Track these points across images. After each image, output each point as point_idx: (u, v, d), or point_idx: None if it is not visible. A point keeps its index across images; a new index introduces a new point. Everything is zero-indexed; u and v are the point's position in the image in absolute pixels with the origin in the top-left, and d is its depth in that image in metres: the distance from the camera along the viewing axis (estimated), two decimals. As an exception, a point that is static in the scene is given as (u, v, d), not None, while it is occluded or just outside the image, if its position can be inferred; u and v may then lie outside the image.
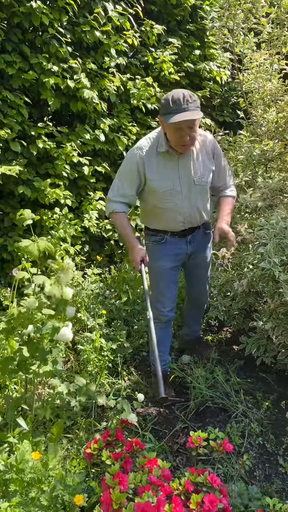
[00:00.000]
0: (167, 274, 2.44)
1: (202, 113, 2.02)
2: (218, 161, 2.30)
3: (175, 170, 2.18)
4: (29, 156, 3.29)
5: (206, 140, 2.25)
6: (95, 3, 3.51)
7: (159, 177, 2.18)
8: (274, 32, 3.52)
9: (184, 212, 2.25)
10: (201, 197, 2.26)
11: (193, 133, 2.03)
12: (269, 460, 2.13)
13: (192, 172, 2.19)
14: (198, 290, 2.73)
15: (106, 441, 1.88)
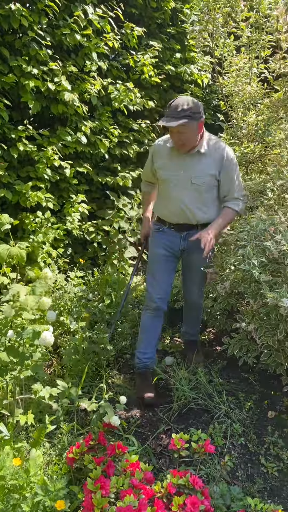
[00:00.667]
0: (160, 261, 2.63)
1: (185, 121, 2.19)
2: (225, 172, 2.43)
3: (179, 165, 2.41)
4: (10, 159, 3.26)
5: (218, 148, 2.42)
6: (75, 6, 3.50)
7: (163, 166, 2.48)
8: (253, 36, 3.57)
9: (178, 205, 2.45)
10: (195, 196, 2.43)
11: (181, 137, 2.28)
12: (251, 460, 2.15)
13: (192, 171, 2.39)
14: (190, 291, 2.80)
15: (89, 445, 1.87)
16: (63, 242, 3.69)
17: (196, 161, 2.40)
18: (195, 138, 2.33)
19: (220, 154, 2.41)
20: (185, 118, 2.19)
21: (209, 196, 2.46)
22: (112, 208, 4.18)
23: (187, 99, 2.25)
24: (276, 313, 2.22)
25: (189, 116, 2.20)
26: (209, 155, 2.40)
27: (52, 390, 2.04)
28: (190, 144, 2.33)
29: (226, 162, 2.41)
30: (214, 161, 2.40)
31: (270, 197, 3.07)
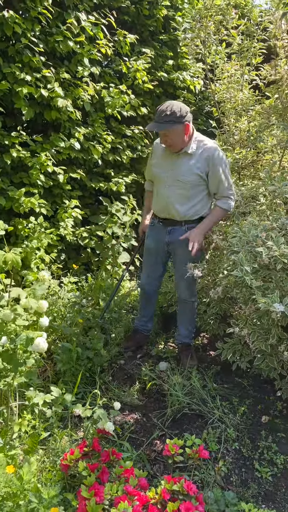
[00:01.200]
0: (150, 253, 2.93)
1: (169, 126, 2.38)
2: (213, 171, 2.56)
3: (168, 163, 2.61)
4: (3, 166, 3.27)
5: (206, 149, 2.55)
6: (68, 13, 3.52)
7: (156, 164, 2.70)
8: (244, 44, 3.61)
9: (163, 200, 2.66)
10: (179, 192, 2.59)
11: (167, 139, 2.48)
12: (245, 465, 2.16)
13: (179, 170, 2.57)
14: (179, 286, 2.91)
15: (83, 452, 1.87)
16: (56, 248, 3.69)
17: (184, 161, 2.56)
18: (181, 140, 2.49)
19: (206, 154, 2.54)
20: (168, 122, 2.38)
21: (194, 193, 2.61)
22: (105, 213, 4.19)
23: (172, 104, 2.41)
24: (268, 318, 2.24)
25: (173, 120, 2.37)
26: (196, 155, 2.54)
27: (46, 396, 2.04)
28: (176, 145, 2.51)
29: (213, 162, 2.54)
30: (200, 161, 2.54)
31: (262, 203, 3.09)
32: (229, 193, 2.63)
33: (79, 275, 3.92)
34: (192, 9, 3.79)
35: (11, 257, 1.66)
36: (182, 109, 2.41)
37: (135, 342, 3.17)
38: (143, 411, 2.53)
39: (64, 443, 2.15)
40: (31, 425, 2.16)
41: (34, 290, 1.83)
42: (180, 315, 3.02)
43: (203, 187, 2.63)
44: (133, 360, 3.06)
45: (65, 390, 2.45)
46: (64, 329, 2.91)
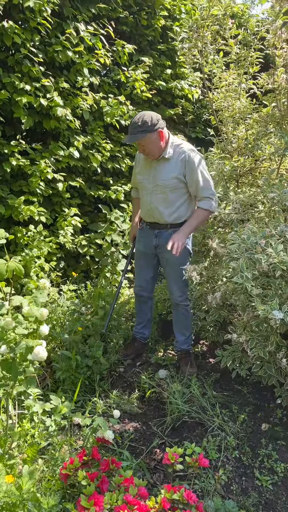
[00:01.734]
0: (140, 256, 3.01)
1: (142, 136, 2.48)
2: (189, 173, 2.62)
3: (149, 169, 2.71)
4: (2, 174, 3.28)
5: (181, 152, 2.62)
6: (67, 23, 3.56)
7: (139, 171, 2.82)
8: (241, 53, 3.65)
9: (147, 205, 2.77)
10: (161, 197, 2.68)
11: (144, 148, 2.58)
12: (246, 473, 2.15)
13: (159, 175, 2.66)
14: (170, 290, 2.95)
15: (82, 461, 1.86)
16: (55, 256, 3.69)
17: (162, 166, 2.66)
18: (157, 147, 2.58)
19: (183, 157, 2.61)
20: (140, 133, 2.48)
21: (175, 197, 2.68)
22: (104, 221, 4.20)
23: (143, 115, 2.51)
24: (267, 325, 2.25)
25: (144, 130, 2.47)
26: (174, 159, 2.63)
27: (45, 405, 2.03)
28: (154, 152, 2.61)
29: (189, 164, 2.60)
30: (177, 164, 2.62)
31: (261, 210, 3.11)
32: (209, 194, 2.66)
33: (78, 283, 3.92)
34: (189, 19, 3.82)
35: (14, 266, 1.67)
36: (153, 118, 2.51)
37: (134, 350, 3.17)
38: (142, 419, 2.52)
39: (63, 452, 2.14)
40: (30, 434, 2.15)
41: (35, 298, 1.84)
42: (175, 320, 3.03)
43: (183, 191, 2.68)
44: (132, 367, 3.05)
45: (65, 399, 2.44)
46: (63, 337, 2.91)
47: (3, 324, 1.78)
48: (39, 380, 2.66)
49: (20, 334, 1.80)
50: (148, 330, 3.23)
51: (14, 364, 1.79)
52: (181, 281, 2.81)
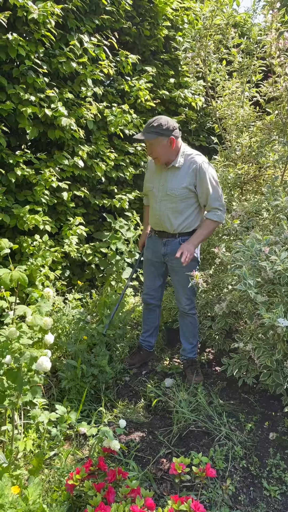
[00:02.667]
0: (148, 264, 3.01)
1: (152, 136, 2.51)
2: (200, 184, 2.63)
3: (159, 177, 2.73)
4: (7, 184, 3.31)
5: (193, 162, 2.63)
6: (70, 35, 3.61)
7: (149, 178, 2.86)
8: (244, 62, 3.67)
9: (156, 213, 2.77)
10: (170, 206, 2.69)
11: (151, 149, 2.59)
12: (253, 483, 2.12)
13: (168, 183, 2.66)
14: (177, 298, 2.95)
15: (89, 471, 1.85)
16: (61, 265, 3.70)
17: (172, 175, 2.66)
18: (165, 153, 2.59)
19: (194, 168, 2.61)
20: (152, 133, 2.51)
21: (185, 206, 2.68)
22: (109, 230, 4.22)
23: (160, 118, 2.54)
24: (274, 333, 2.23)
25: (157, 132, 2.50)
26: (184, 169, 2.64)
27: (51, 415, 2.03)
28: (161, 157, 2.61)
29: (199, 174, 2.61)
30: (188, 175, 2.62)
31: (265, 217, 3.11)
32: (218, 205, 2.66)
33: (83, 292, 3.93)
34: (192, 29, 3.86)
35: (17, 275, 1.67)
36: (169, 123, 2.53)
37: (140, 359, 3.16)
38: (149, 428, 2.50)
39: (69, 462, 2.13)
40: (36, 444, 2.15)
41: (39, 307, 1.84)
42: (182, 329, 3.02)
43: (193, 200, 2.69)
44: (138, 376, 3.04)
45: (70, 408, 2.44)
46: (68, 346, 2.91)
47: (7, 334, 1.78)
48: (44, 390, 2.65)
49: (24, 344, 1.80)
50: (154, 339, 3.22)
51: (19, 374, 1.79)
52: (189, 289, 2.81)
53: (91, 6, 3.89)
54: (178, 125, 2.63)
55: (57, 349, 3.03)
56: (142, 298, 3.17)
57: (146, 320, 3.19)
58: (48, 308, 1.90)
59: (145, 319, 3.20)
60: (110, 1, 4.02)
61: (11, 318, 1.97)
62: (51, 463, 2.12)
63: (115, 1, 4.09)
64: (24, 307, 1.86)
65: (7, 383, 1.78)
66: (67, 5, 3.55)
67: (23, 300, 3.21)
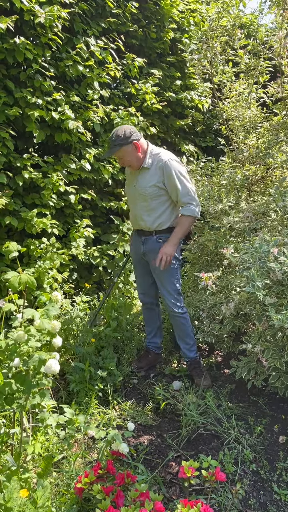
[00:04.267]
0: (135, 263, 3.09)
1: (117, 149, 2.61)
2: (168, 180, 2.68)
3: (133, 179, 2.81)
4: (15, 187, 3.32)
5: (159, 160, 2.69)
6: (77, 38, 3.62)
7: (126, 181, 2.96)
8: (250, 63, 3.66)
9: (133, 213, 2.89)
10: (142, 204, 2.77)
11: (123, 160, 2.70)
12: (263, 487, 2.10)
13: (140, 184, 2.74)
14: (163, 299, 2.97)
15: (97, 475, 1.84)
16: (68, 267, 3.71)
17: (143, 175, 2.74)
18: (135, 158, 2.68)
19: (160, 165, 2.68)
20: (116, 146, 2.61)
21: (157, 204, 2.74)
22: (116, 232, 4.22)
23: (117, 130, 2.63)
24: (283, 335, 2.21)
25: (118, 144, 2.60)
26: (153, 168, 2.71)
27: (60, 417, 2.02)
28: (133, 163, 2.70)
29: (166, 171, 2.66)
30: (156, 173, 2.69)
31: (273, 218, 3.09)
32: (188, 199, 2.69)
33: (91, 294, 3.93)
34: (198, 31, 3.86)
35: (26, 278, 1.68)
36: (126, 131, 2.61)
37: (148, 362, 3.16)
38: (157, 431, 2.49)
39: (78, 465, 2.12)
40: (44, 447, 2.15)
41: (47, 310, 1.84)
42: (175, 330, 3.01)
43: (165, 198, 2.74)
44: (146, 379, 3.03)
45: (79, 411, 2.43)
46: (76, 348, 2.91)
47: (15, 337, 1.78)
48: (53, 392, 2.65)
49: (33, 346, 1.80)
50: (160, 339, 3.21)
51: (28, 377, 1.79)
52: (173, 289, 2.85)
53: (97, 9, 3.90)
54: (135, 128, 2.72)
55: (65, 351, 3.02)
56: (140, 299, 3.20)
57: (148, 320, 3.20)
58: (56, 312, 1.90)
59: (146, 319, 3.21)
60: (116, 4, 4.03)
61: (19, 321, 1.97)
62: (59, 466, 2.12)
63: (121, 4, 4.10)
64: (32, 311, 1.86)
65: (16, 386, 1.78)
66: (73, 9, 3.57)
67: (31, 302, 3.22)
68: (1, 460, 1.96)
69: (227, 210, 3.25)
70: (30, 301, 3.22)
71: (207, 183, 3.63)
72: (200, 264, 3.51)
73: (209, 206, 3.29)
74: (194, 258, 3.60)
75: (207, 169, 3.84)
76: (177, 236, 2.72)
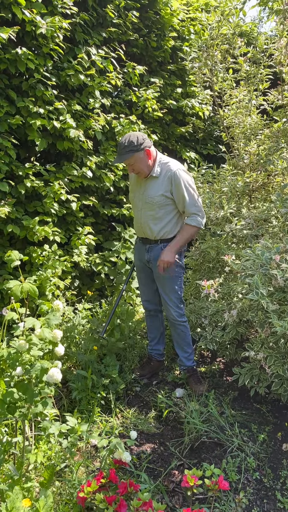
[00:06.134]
0: (138, 270, 3.09)
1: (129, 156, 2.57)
2: (176, 191, 2.68)
3: (139, 187, 2.80)
4: (17, 195, 3.34)
5: (168, 169, 2.69)
6: (78, 48, 3.66)
7: (131, 189, 2.93)
8: (251, 70, 3.68)
9: (138, 221, 2.86)
10: (150, 213, 2.75)
11: (133, 167, 2.66)
12: (267, 495, 2.09)
13: (147, 191, 2.74)
14: (165, 307, 2.97)
15: (100, 484, 1.83)
16: (70, 274, 3.71)
17: (151, 184, 2.73)
18: (145, 165, 2.66)
19: (169, 175, 2.68)
20: (127, 153, 2.57)
21: (164, 213, 2.73)
22: (118, 239, 4.23)
23: (129, 136, 2.60)
24: (285, 342, 2.21)
25: (131, 150, 2.57)
26: (161, 177, 2.70)
27: (62, 426, 2.02)
28: (143, 171, 2.68)
29: (175, 181, 2.66)
30: (164, 182, 2.69)
31: (274, 225, 3.09)
32: (195, 210, 2.70)
33: (93, 301, 3.93)
34: (198, 39, 3.89)
35: (28, 287, 1.68)
36: (139, 138, 2.59)
37: (150, 369, 3.15)
38: (160, 439, 2.48)
39: (80, 474, 2.12)
40: (47, 456, 2.14)
41: (48, 320, 1.84)
42: (174, 339, 3.01)
43: (171, 207, 2.73)
44: (148, 386, 3.02)
45: (81, 419, 2.43)
46: (79, 356, 2.91)
47: (17, 346, 1.78)
48: (55, 401, 2.64)
49: (35, 355, 1.80)
50: (162, 346, 3.21)
51: (30, 385, 1.79)
52: (176, 298, 2.85)
53: (98, 19, 3.94)
54: (145, 135, 2.71)
55: (67, 359, 3.02)
56: (143, 306, 3.19)
57: (150, 327, 3.19)
58: (57, 321, 1.90)
59: (149, 326, 3.20)
60: (117, 14, 4.07)
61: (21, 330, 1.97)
62: (62, 475, 2.11)
63: (122, 14, 4.15)
64: (33, 320, 1.86)
65: (18, 395, 1.78)
66: (74, 19, 3.61)
67: (34, 310, 3.23)
68: (3, 469, 1.96)
69: (228, 216, 3.26)
70: (32, 308, 3.23)
71: (209, 190, 3.65)
72: (202, 271, 3.52)
73: (211, 213, 3.30)
74: (196, 265, 3.60)
75: (208, 176, 3.85)
76: (178, 243, 2.73)
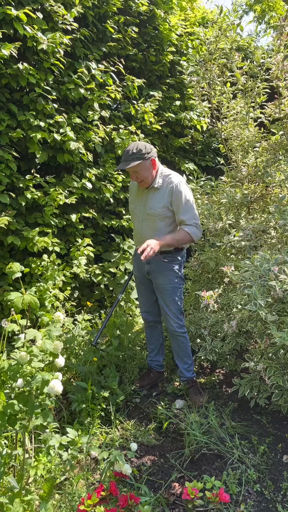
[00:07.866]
0: (137, 281, 3.10)
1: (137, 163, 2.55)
2: (175, 203, 2.70)
3: (141, 198, 2.81)
4: (18, 207, 3.37)
5: (169, 182, 2.71)
6: (79, 63, 3.72)
7: (132, 200, 2.95)
8: (248, 84, 3.75)
9: (138, 233, 2.86)
10: (150, 225, 2.77)
11: (137, 175, 2.65)
12: (268, 508, 2.08)
13: (148, 203, 2.75)
14: (164, 318, 2.96)
15: (100, 497, 1.83)
16: (70, 286, 3.73)
17: (152, 195, 2.75)
18: (150, 174, 2.68)
19: (170, 187, 2.69)
20: (134, 160, 2.57)
21: (165, 225, 2.75)
22: (118, 250, 4.25)
23: (136, 144, 2.62)
24: (285, 353, 2.22)
25: (138, 157, 2.57)
26: (163, 189, 2.72)
27: (62, 438, 2.01)
28: (147, 179, 2.69)
29: (175, 193, 2.68)
30: (165, 194, 2.71)
31: (273, 236, 3.12)
32: (194, 222, 2.70)
33: (92, 312, 3.93)
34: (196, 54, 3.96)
35: (29, 299, 1.70)
36: (147, 147, 2.63)
37: (150, 381, 3.15)
38: (160, 451, 2.47)
39: (80, 487, 2.11)
40: (47, 469, 2.13)
41: (49, 331, 1.85)
42: (174, 350, 3.00)
43: (172, 219, 2.76)
44: (148, 398, 3.02)
45: (81, 431, 2.42)
46: (78, 368, 2.91)
47: (18, 358, 1.79)
48: (55, 412, 2.64)
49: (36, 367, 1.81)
50: (162, 357, 3.21)
51: (30, 397, 1.79)
52: (176, 308, 2.85)
53: (98, 34, 4.02)
54: (152, 145, 2.74)
55: (67, 371, 3.02)
56: (142, 317, 3.19)
57: (150, 338, 3.19)
58: (58, 332, 1.91)
59: (148, 337, 3.20)
60: (117, 29, 4.15)
61: (22, 342, 1.98)
62: (62, 487, 2.10)
63: (122, 29, 4.22)
64: (34, 332, 1.87)
65: (19, 407, 1.78)
66: (75, 35, 3.67)
67: (34, 321, 3.23)
68: (3, 482, 1.95)
69: (227, 228, 3.29)
70: (32, 320, 3.23)
71: (207, 201, 3.68)
72: (202, 282, 3.54)
73: (209, 224, 3.32)
74: (195, 276, 3.62)
75: (206, 187, 3.89)
76: (168, 240, 2.64)
